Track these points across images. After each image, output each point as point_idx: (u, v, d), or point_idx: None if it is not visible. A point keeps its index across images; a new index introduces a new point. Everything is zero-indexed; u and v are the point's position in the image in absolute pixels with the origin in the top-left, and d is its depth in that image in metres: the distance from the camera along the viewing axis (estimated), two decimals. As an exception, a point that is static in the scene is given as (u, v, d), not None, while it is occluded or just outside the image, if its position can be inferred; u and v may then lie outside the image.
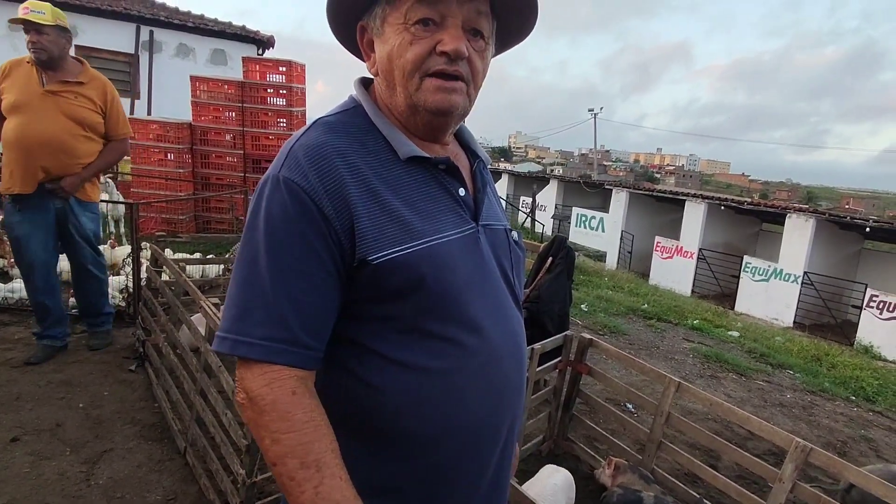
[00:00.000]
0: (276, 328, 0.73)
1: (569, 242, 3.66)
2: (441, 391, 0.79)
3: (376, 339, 0.79)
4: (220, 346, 0.76)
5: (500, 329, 0.86)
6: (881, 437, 4.07)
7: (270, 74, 7.19)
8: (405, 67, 0.78)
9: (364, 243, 0.75)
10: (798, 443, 2.05)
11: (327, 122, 0.82)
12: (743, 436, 3.50)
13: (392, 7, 0.79)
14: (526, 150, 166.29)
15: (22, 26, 2.71)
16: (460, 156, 0.94)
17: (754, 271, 14.28)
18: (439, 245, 0.79)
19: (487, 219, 0.90)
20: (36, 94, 2.76)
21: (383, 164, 0.80)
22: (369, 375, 0.79)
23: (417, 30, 0.77)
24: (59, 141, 2.80)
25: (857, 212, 56.53)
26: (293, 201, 0.74)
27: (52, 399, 2.74)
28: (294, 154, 0.77)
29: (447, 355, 0.79)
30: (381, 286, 0.77)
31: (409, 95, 0.80)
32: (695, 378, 4.66)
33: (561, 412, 2.90)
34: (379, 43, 0.82)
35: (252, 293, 0.74)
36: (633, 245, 17.54)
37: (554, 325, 3.27)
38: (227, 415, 2.05)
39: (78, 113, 2.85)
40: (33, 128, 2.74)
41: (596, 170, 45.38)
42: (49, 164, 2.81)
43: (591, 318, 5.97)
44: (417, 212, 0.79)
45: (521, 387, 0.92)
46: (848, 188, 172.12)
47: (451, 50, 0.76)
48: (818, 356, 6.57)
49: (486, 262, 0.86)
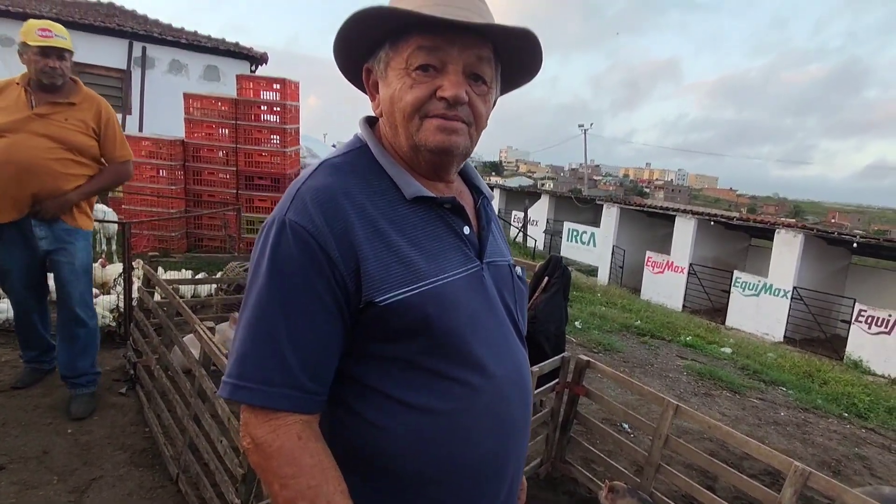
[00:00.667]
0: (275, 372, 0.73)
1: (563, 260, 3.67)
2: (447, 431, 0.79)
3: (381, 379, 0.79)
4: (222, 391, 0.76)
5: (506, 367, 0.86)
6: (875, 454, 4.08)
7: (264, 92, 7.20)
8: (405, 110, 0.79)
9: (370, 285, 0.75)
10: (797, 467, 2.05)
11: (333, 165, 0.83)
12: (739, 455, 3.49)
13: (395, 52, 0.80)
14: (517, 164, 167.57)
15: (34, 48, 2.48)
16: (464, 193, 0.95)
17: (744, 286, 14.39)
18: (444, 285, 0.79)
19: (492, 256, 0.90)
20: (23, 117, 2.54)
21: (389, 203, 0.81)
22: (373, 415, 0.78)
23: (418, 75, 0.78)
24: (44, 166, 2.55)
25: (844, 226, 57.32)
26: (299, 245, 0.74)
27: (39, 425, 2.67)
28: (301, 196, 0.77)
29: (453, 395, 0.79)
30: (386, 327, 0.77)
31: (410, 136, 0.81)
32: (689, 396, 4.66)
33: (559, 434, 2.88)
34: (383, 85, 0.83)
35: (254, 337, 0.75)
36: (625, 260, 17.64)
37: (550, 345, 3.26)
38: (222, 441, 2.01)
39: (67, 136, 2.62)
40: (16, 152, 2.51)
41: (586, 184, 45.76)
42: (33, 190, 2.57)
43: (585, 336, 5.97)
44: (423, 252, 0.80)
45: (527, 423, 0.92)
46: (834, 202, 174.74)
47: (451, 96, 0.77)
48: (810, 372, 6.61)
49: (491, 300, 0.86)
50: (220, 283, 4.34)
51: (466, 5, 0.77)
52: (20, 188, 2.54)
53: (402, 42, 0.79)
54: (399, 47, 0.79)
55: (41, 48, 2.46)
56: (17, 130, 2.52)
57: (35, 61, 2.47)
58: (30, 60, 2.49)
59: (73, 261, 2.70)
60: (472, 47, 0.78)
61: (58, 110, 2.60)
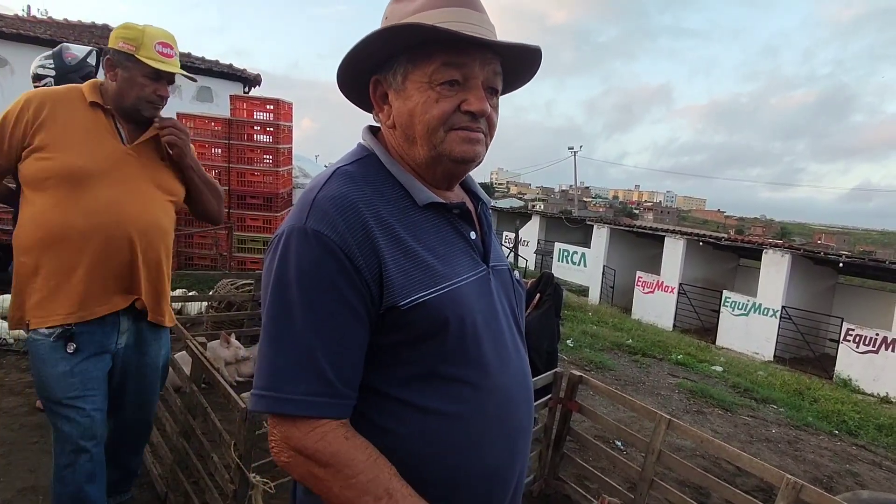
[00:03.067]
0: (318, 383, 0.74)
1: (554, 276, 3.70)
2: (459, 434, 0.80)
3: (393, 385, 0.80)
4: (259, 405, 0.76)
5: (512, 369, 0.88)
6: (866, 471, 4.09)
7: (258, 112, 7.26)
8: (430, 123, 0.81)
9: (392, 290, 0.77)
10: (789, 480, 2.06)
11: (346, 172, 0.83)
12: (731, 472, 3.49)
13: (414, 66, 0.81)
14: (508, 186, 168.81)
15: (145, 67, 1.65)
16: (465, 200, 0.97)
17: (734, 306, 14.50)
18: (459, 288, 0.81)
19: (495, 260, 0.93)
20: (118, 155, 1.68)
21: (402, 210, 0.82)
22: (386, 421, 0.79)
23: (443, 90, 0.80)
24: (162, 230, 1.78)
25: (830, 247, 58.12)
26: (325, 254, 0.75)
27: (24, 443, 2.63)
28: (319, 205, 0.77)
29: (464, 399, 0.81)
30: (406, 331, 0.78)
31: (434, 147, 0.82)
32: (681, 414, 4.66)
33: (552, 451, 2.87)
34: (399, 98, 0.84)
35: (288, 348, 0.75)
36: (615, 280, 17.73)
37: (542, 361, 3.27)
38: (213, 458, 1.99)
39: (170, 183, 1.82)
40: (128, 208, 1.67)
41: (577, 205, 46.17)
42: (144, 268, 1.73)
43: (577, 354, 5.97)
44: (437, 256, 0.82)
45: (530, 428, 0.94)
46: (820, 224, 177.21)
47: (478, 110, 0.80)
48: (800, 390, 6.64)
49: (497, 303, 0.89)
50: (212, 300, 4.31)
51: (479, 21, 0.80)
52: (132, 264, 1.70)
53: (423, 57, 0.80)
54: (419, 62, 0.80)
55: (156, 71, 1.67)
56: (113, 176, 1.66)
57: (142, 85, 1.66)
58: (131, 81, 1.66)
59: (157, 362, 1.93)
60: (489, 63, 0.82)
61: (155, 148, 1.79)
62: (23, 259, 1.62)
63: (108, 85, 1.69)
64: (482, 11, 0.82)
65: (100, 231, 1.62)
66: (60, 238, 1.59)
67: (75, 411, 1.65)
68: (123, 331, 1.77)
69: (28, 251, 1.62)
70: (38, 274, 1.61)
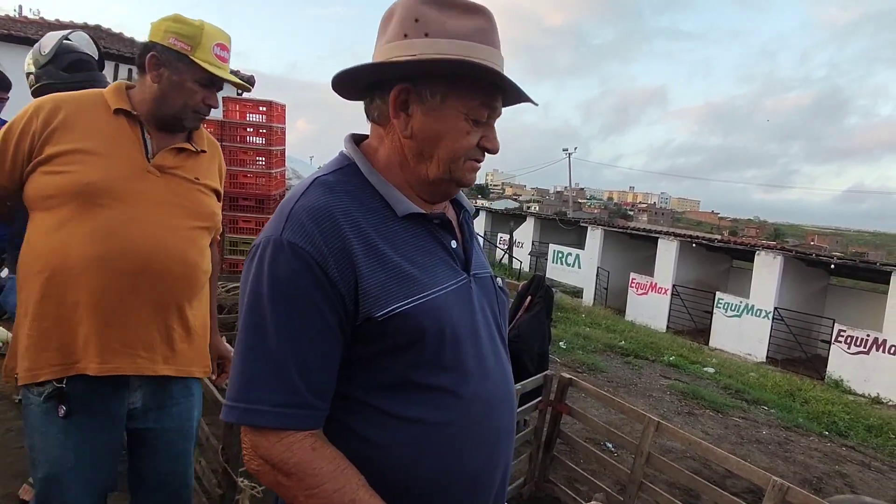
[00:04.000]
0: (287, 394, 0.74)
1: (546, 280, 3.71)
2: (439, 443, 0.81)
3: (373, 395, 0.80)
4: (230, 416, 0.77)
5: (494, 376, 0.88)
6: (855, 472, 4.12)
7: (251, 114, 7.24)
8: (457, 151, 0.85)
9: (368, 301, 0.77)
10: (775, 482, 2.07)
11: (325, 182, 0.84)
12: (721, 474, 3.50)
13: (455, 93, 0.83)
14: (503, 187, 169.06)
15: (198, 70, 1.38)
16: (448, 209, 0.98)
17: (727, 307, 14.57)
18: (438, 297, 0.82)
19: (476, 268, 0.93)
20: (138, 171, 1.36)
21: (381, 220, 0.83)
22: (366, 430, 0.80)
23: (473, 123, 0.85)
24: (187, 263, 1.40)
25: (822, 248, 58.54)
26: (299, 266, 0.75)
27: (10, 448, 2.60)
28: (296, 216, 0.78)
29: (445, 406, 0.81)
30: (383, 341, 0.79)
31: (449, 172, 0.86)
32: (673, 415, 4.68)
33: (542, 453, 2.87)
34: (430, 116, 0.83)
35: (260, 360, 0.76)
36: (609, 281, 17.77)
37: (534, 363, 3.27)
38: (200, 462, 1.98)
39: (203, 206, 1.48)
40: (138, 236, 1.32)
41: (571, 207, 46.27)
42: (171, 313, 1.37)
43: (569, 356, 5.99)
44: (416, 266, 0.82)
45: (512, 432, 0.95)
46: (813, 225, 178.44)
47: (494, 150, 0.89)
48: (791, 391, 6.69)
49: (478, 311, 0.90)
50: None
51: (502, 65, 0.85)
52: (155, 307, 1.34)
53: (465, 90, 0.83)
54: (462, 93, 0.83)
55: (211, 77, 1.40)
56: (133, 195, 1.34)
57: (192, 91, 1.39)
58: (180, 86, 1.38)
59: (187, 427, 1.50)
60: (502, 105, 0.89)
61: (185, 163, 1.45)
62: (21, 295, 1.30)
63: (143, 87, 1.37)
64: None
65: (103, 262, 1.26)
66: (58, 268, 1.26)
67: (56, 489, 1.30)
68: (135, 387, 1.36)
69: (24, 283, 1.30)
70: (28, 314, 1.27)
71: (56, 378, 1.26)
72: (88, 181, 1.29)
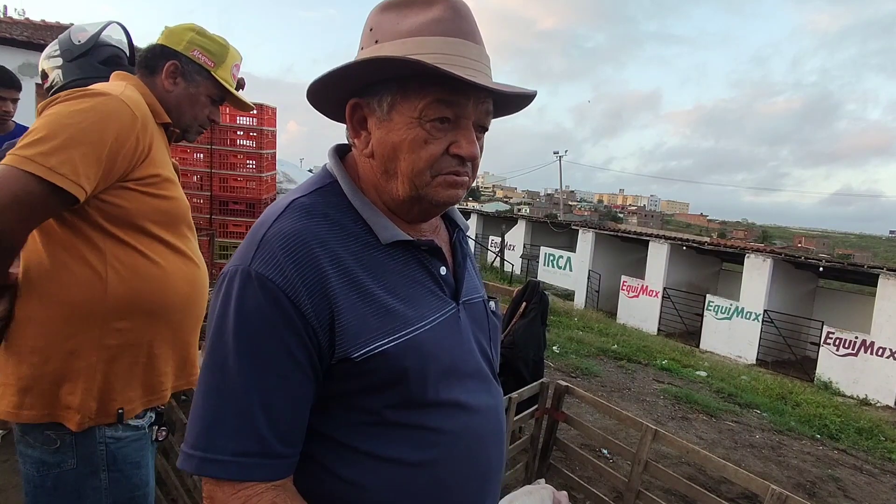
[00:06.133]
0: (249, 442, 0.68)
1: (540, 284, 3.68)
2: (424, 483, 0.76)
3: (353, 434, 0.75)
4: (187, 465, 0.69)
5: (482, 410, 0.83)
6: (847, 475, 4.14)
7: (241, 117, 7.19)
8: (416, 165, 0.75)
9: (345, 339, 0.71)
10: (774, 490, 2.05)
11: (302, 205, 0.76)
12: (717, 479, 3.50)
13: (404, 97, 0.74)
14: (494, 189, 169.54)
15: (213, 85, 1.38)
16: (440, 228, 0.92)
17: (717, 309, 14.66)
18: (422, 333, 0.76)
19: (467, 294, 0.88)
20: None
21: (363, 248, 0.76)
22: (345, 471, 0.74)
23: (432, 127, 0.74)
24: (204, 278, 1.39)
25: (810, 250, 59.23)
26: (268, 301, 0.68)
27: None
28: (268, 244, 0.71)
29: (430, 445, 0.76)
30: (363, 379, 0.73)
31: (416, 189, 0.76)
32: (667, 420, 4.68)
33: (538, 461, 2.85)
34: (382, 128, 0.76)
35: (221, 403, 0.69)
36: (601, 284, 17.83)
37: (529, 370, 3.24)
38: (192, 477, 1.93)
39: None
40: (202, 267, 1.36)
41: (562, 209, 46.44)
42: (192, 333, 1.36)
43: (563, 360, 5.98)
44: (400, 299, 0.76)
45: (501, 463, 0.90)
46: (800, 228, 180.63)
47: (468, 155, 0.75)
48: (783, 394, 6.72)
49: (466, 342, 0.84)
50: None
51: (478, 56, 0.75)
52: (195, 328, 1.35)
53: (415, 89, 0.73)
54: (410, 94, 0.73)
55: (223, 95, 1.41)
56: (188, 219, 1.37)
57: (203, 105, 1.38)
58: (195, 99, 1.36)
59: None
60: (483, 102, 0.77)
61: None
62: (118, 325, 1.15)
63: (159, 95, 1.32)
64: (481, 44, 0.76)
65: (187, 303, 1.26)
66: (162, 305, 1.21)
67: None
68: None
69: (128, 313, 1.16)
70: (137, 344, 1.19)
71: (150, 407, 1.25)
72: (185, 207, 1.29)
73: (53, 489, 1.14)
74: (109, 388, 1.15)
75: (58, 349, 1.11)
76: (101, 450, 1.15)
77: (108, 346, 1.14)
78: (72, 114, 1.06)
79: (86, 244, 1.13)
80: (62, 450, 1.13)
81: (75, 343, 1.12)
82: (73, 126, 1.05)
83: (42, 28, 11.51)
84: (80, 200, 1.05)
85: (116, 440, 1.17)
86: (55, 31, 11.56)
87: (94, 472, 1.15)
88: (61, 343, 1.11)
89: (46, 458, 1.13)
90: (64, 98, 1.10)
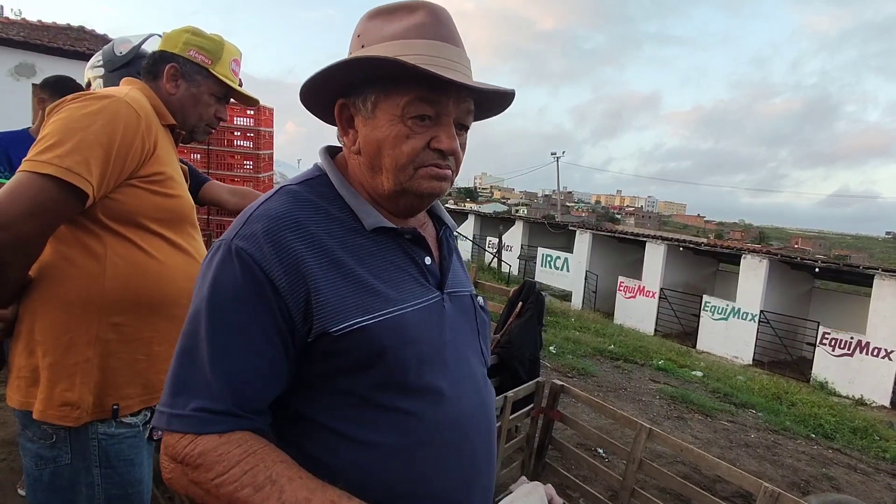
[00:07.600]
0: (210, 401, 0.70)
1: (536, 284, 3.70)
2: (402, 469, 0.76)
3: (328, 415, 0.76)
4: (157, 421, 0.73)
5: (467, 398, 0.84)
6: (841, 475, 4.16)
7: (238, 118, 7.19)
8: (399, 159, 0.79)
9: (323, 314, 0.73)
10: (766, 488, 2.07)
11: (291, 191, 0.81)
12: (711, 478, 3.52)
13: (386, 96, 0.79)
14: (491, 190, 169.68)
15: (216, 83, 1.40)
16: (427, 224, 0.94)
17: (714, 310, 14.70)
18: (402, 315, 0.78)
19: (452, 286, 0.89)
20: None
21: (348, 233, 0.79)
22: (321, 454, 0.75)
23: (414, 124, 0.78)
24: None
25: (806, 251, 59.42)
26: (244, 272, 0.72)
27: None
28: (252, 222, 0.75)
29: (406, 431, 0.77)
30: (340, 358, 0.75)
31: (400, 183, 0.80)
32: (662, 420, 4.70)
33: (534, 460, 2.87)
34: (367, 126, 0.81)
35: (189, 366, 0.72)
36: (598, 285, 17.87)
37: (525, 370, 3.26)
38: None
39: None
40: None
41: (559, 210, 46.52)
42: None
43: (559, 360, 5.99)
44: (382, 281, 0.78)
45: (491, 454, 0.90)
46: (797, 228, 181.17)
47: (447, 149, 0.79)
48: (778, 394, 6.75)
49: (452, 330, 0.85)
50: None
51: (458, 58, 0.79)
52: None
53: (397, 88, 0.78)
54: (392, 92, 0.78)
55: (226, 91, 1.42)
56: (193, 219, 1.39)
57: (208, 104, 1.40)
58: (197, 99, 1.38)
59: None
60: (463, 101, 0.81)
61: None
62: (116, 319, 1.17)
63: (163, 98, 1.34)
64: (461, 47, 0.81)
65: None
66: (164, 300, 1.22)
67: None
68: None
69: (126, 308, 1.18)
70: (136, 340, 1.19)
71: (149, 406, 1.24)
72: (190, 206, 1.30)
73: (50, 483, 1.16)
74: (106, 384, 1.16)
75: (56, 342, 1.12)
76: (94, 446, 1.16)
77: (106, 340, 1.15)
78: (81, 117, 1.09)
79: (87, 239, 1.15)
80: (58, 445, 1.15)
81: (73, 336, 1.13)
82: (84, 129, 1.08)
83: (38, 28, 11.49)
84: (94, 201, 1.09)
85: (109, 437, 1.18)
86: (52, 31, 11.54)
87: (87, 468, 1.17)
88: (59, 336, 1.12)
89: (43, 452, 1.15)
90: (71, 101, 1.12)
